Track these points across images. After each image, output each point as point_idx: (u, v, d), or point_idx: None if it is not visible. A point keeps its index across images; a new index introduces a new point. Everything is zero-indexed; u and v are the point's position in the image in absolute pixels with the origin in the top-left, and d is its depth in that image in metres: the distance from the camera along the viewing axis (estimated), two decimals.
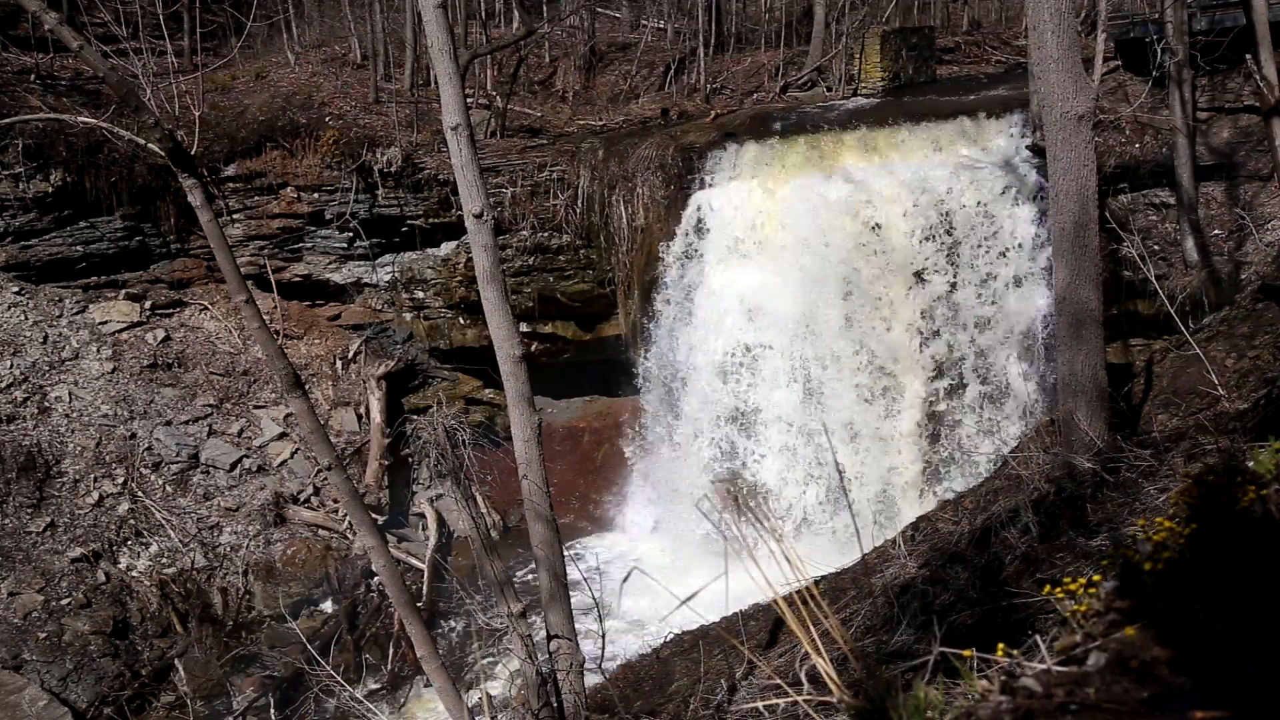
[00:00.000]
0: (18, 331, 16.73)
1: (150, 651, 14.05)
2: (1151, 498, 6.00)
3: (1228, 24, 13.24)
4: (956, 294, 14.67)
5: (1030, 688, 1.58)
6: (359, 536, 9.40)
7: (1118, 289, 13.16)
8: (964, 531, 7.60)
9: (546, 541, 6.65)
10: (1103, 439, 7.54)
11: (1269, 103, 9.23)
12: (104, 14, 19.88)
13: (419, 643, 6.58)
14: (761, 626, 8.20)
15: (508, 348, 6.57)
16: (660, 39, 23.69)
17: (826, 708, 2.35)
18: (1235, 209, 13.64)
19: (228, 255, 6.18)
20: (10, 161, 16.81)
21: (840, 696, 2.07)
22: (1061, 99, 7.50)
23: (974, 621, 5.70)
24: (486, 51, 17.97)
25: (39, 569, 14.18)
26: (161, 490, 16.02)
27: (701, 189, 16.27)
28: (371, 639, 14.65)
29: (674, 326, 16.28)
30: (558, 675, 6.36)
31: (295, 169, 18.16)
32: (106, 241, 17.89)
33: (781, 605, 2.39)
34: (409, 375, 19.33)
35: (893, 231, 14.74)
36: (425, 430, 18.69)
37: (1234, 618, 1.52)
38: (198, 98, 18.48)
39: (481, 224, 6.41)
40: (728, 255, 15.74)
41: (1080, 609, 1.98)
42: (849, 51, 20.20)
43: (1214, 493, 1.94)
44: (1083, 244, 7.64)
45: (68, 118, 13.26)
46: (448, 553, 16.76)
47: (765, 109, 19.26)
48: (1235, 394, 7.68)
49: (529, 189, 17.29)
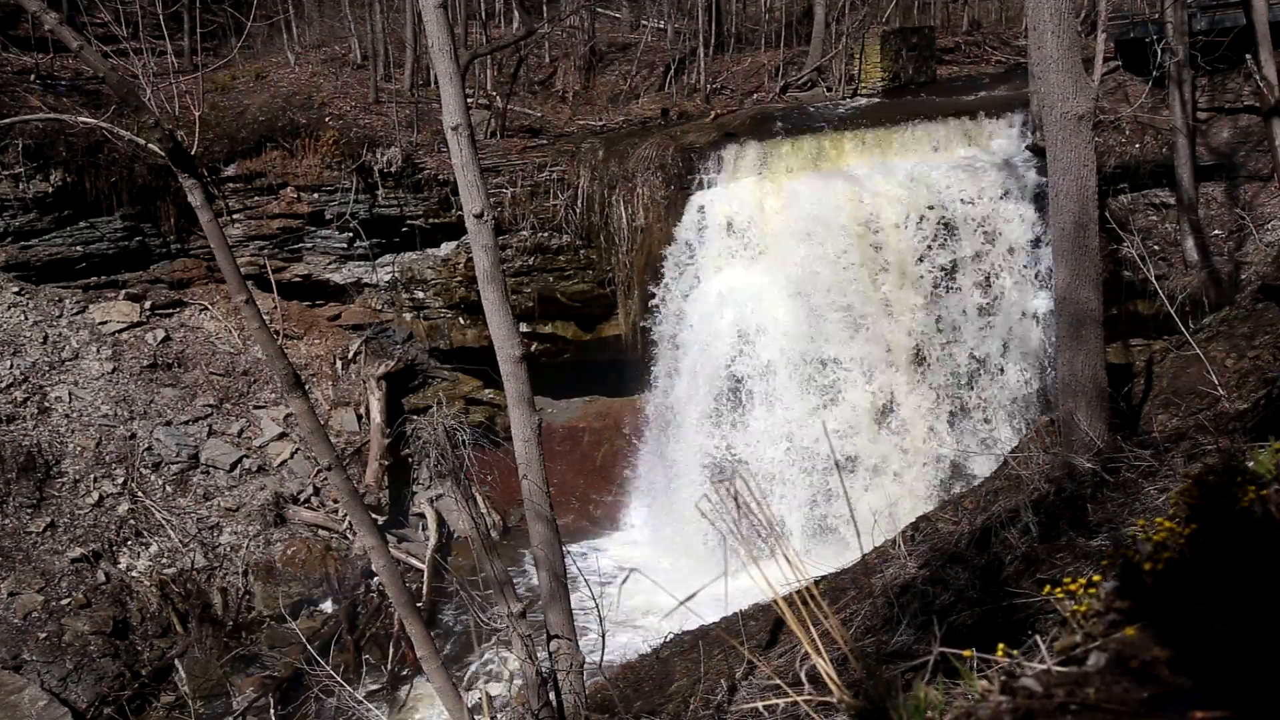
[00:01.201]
0: (18, 331, 16.73)
1: (150, 651, 14.05)
2: (1151, 498, 6.00)
3: (1228, 24, 13.26)
4: (956, 294, 14.68)
5: (1030, 688, 1.58)
6: (359, 536, 9.40)
7: (1118, 289, 13.16)
8: (964, 531, 7.60)
9: (546, 541, 6.65)
10: (1103, 439, 7.54)
11: (1269, 103, 9.24)
12: (104, 14, 19.88)
13: (419, 643, 6.58)
14: (761, 626, 8.20)
15: (508, 348, 6.58)
16: (660, 39, 23.69)
17: (826, 708, 2.35)
18: (1235, 209, 13.65)
19: (228, 255, 6.18)
20: (10, 161, 16.81)
21: (840, 696, 2.07)
22: (1061, 99, 7.50)
23: (974, 621, 5.70)
24: (487, 51, 17.97)
25: (39, 569, 14.18)
26: (161, 490, 16.02)
27: (701, 189, 16.28)
28: (371, 639, 14.64)
29: (674, 326, 16.28)
30: (558, 675, 6.36)
31: (295, 169, 18.15)
32: (106, 241, 17.88)
33: (781, 605, 2.39)
34: (409, 375, 19.32)
35: (893, 231, 14.75)
36: (425, 430, 18.68)
37: (1234, 618, 1.53)
38: (198, 98, 18.48)
39: (482, 224, 6.41)
40: (727, 255, 15.74)
41: (1080, 609, 1.98)
42: (849, 51, 20.20)
43: (1214, 493, 1.94)
44: (1083, 244, 7.64)
45: (68, 118, 13.25)
46: (448, 553, 16.76)
47: (765, 109, 19.26)
48: (1235, 394, 7.68)
49: (529, 189, 17.29)
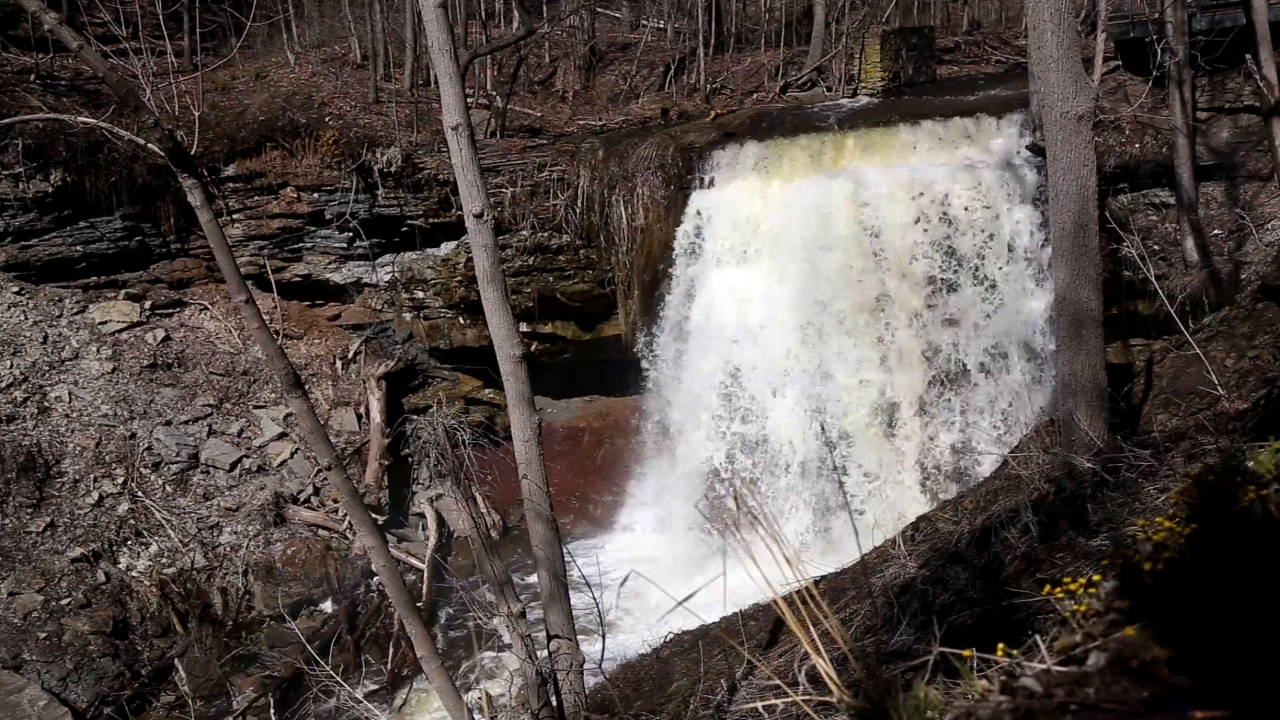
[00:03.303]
0: (18, 331, 16.73)
1: (150, 651, 14.05)
2: (1151, 498, 6.00)
3: (1228, 24, 13.25)
4: (956, 294, 14.68)
5: (1030, 688, 1.58)
6: (359, 536, 9.39)
7: (1118, 289, 13.16)
8: (964, 531, 7.60)
9: (546, 541, 6.65)
10: (1103, 439, 7.54)
11: (1269, 103, 9.23)
12: (104, 14, 19.88)
13: (419, 643, 6.58)
14: (761, 626, 8.19)
15: (508, 348, 6.58)
16: (660, 39, 23.69)
17: (826, 708, 2.35)
18: (1235, 209, 13.64)
19: (228, 255, 6.18)
20: (10, 161, 16.81)
21: (840, 696, 2.07)
22: (1061, 99, 7.50)
23: (974, 621, 5.70)
24: (487, 51, 17.97)
25: (39, 569, 14.18)
26: (161, 490, 16.02)
27: (701, 189, 16.27)
28: (371, 639, 14.64)
29: (674, 327, 16.28)
30: (558, 675, 6.36)
31: (295, 169, 18.15)
32: (106, 241, 17.88)
33: (781, 605, 2.38)
34: (409, 375, 19.32)
35: (893, 231, 14.75)
36: (425, 430, 18.68)
37: (1234, 618, 1.53)
38: (198, 98, 18.48)
39: (481, 224, 6.41)
40: (727, 255, 15.74)
41: (1080, 609, 1.98)
42: (849, 51, 20.20)
43: (1214, 493, 1.94)
44: (1083, 244, 7.63)
45: (68, 118, 13.25)
46: (448, 553, 16.76)
47: (765, 109, 19.26)
48: (1235, 394, 7.67)
49: (529, 189, 17.28)
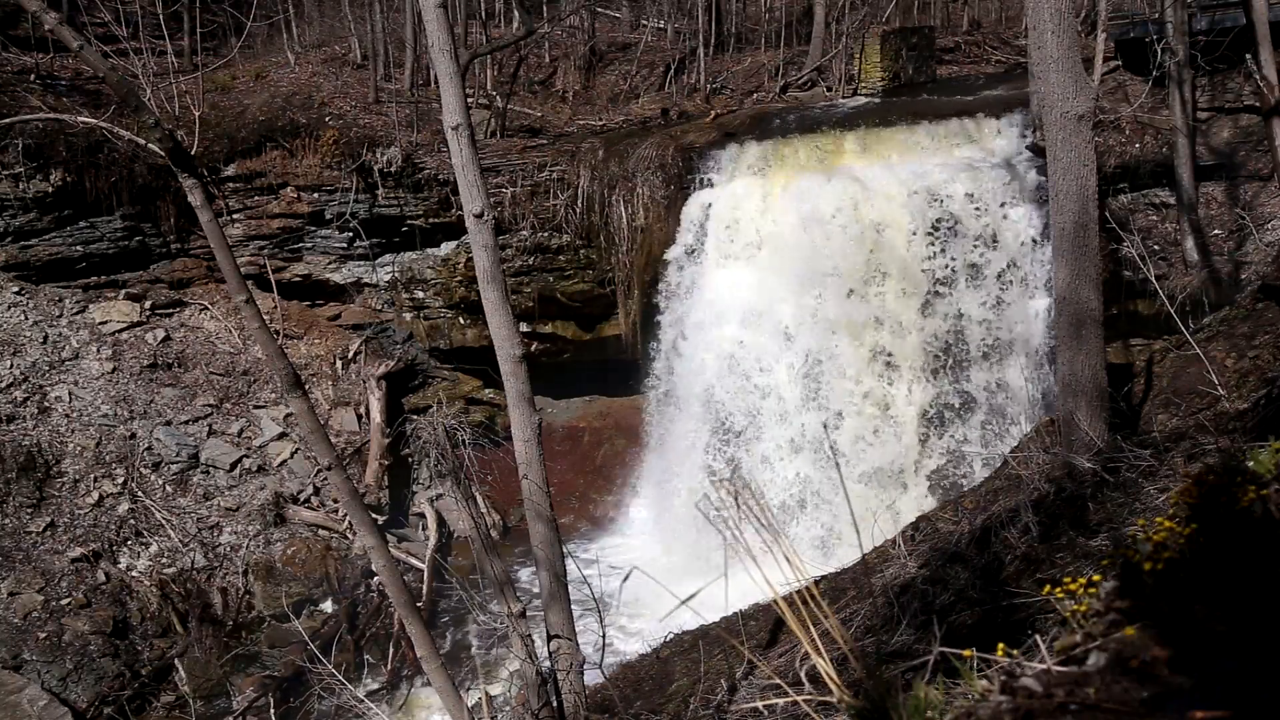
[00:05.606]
0: (18, 331, 16.73)
1: (150, 651, 14.05)
2: (1151, 498, 5.99)
3: (1228, 24, 13.25)
4: (956, 293, 14.67)
5: (1030, 688, 1.57)
6: (359, 536, 9.39)
7: (1118, 289, 13.16)
8: (964, 531, 7.59)
9: (546, 541, 6.65)
10: (1103, 439, 7.54)
11: (1269, 103, 9.23)
12: (104, 14, 19.88)
13: (419, 643, 6.58)
14: (761, 626, 8.19)
15: (508, 348, 6.58)
16: (660, 39, 23.69)
17: (826, 708, 2.35)
18: (1235, 209, 13.64)
19: (228, 255, 6.18)
20: (10, 161, 16.80)
21: (840, 696, 2.07)
22: (1061, 99, 7.50)
23: (974, 621, 5.69)
24: (487, 51, 17.98)
25: (39, 569, 14.18)
26: (161, 490, 16.02)
27: (701, 189, 16.27)
28: (371, 639, 14.65)
29: (674, 326, 16.28)
30: (558, 675, 6.36)
31: (295, 169, 18.15)
32: (106, 241, 17.88)
33: (781, 605, 2.38)
34: (409, 375, 19.32)
35: (893, 231, 14.74)
36: (425, 430, 18.68)
37: (1234, 618, 1.53)
38: (198, 98, 18.48)
39: (482, 224, 6.41)
40: (727, 255, 15.74)
41: (1080, 609, 1.98)
42: (849, 51, 20.20)
43: (1214, 493, 1.94)
44: (1083, 244, 7.63)
45: (68, 118, 13.25)
46: (448, 553, 16.76)
47: (765, 109, 19.26)
48: (1235, 394, 7.67)
49: (529, 189, 17.29)
